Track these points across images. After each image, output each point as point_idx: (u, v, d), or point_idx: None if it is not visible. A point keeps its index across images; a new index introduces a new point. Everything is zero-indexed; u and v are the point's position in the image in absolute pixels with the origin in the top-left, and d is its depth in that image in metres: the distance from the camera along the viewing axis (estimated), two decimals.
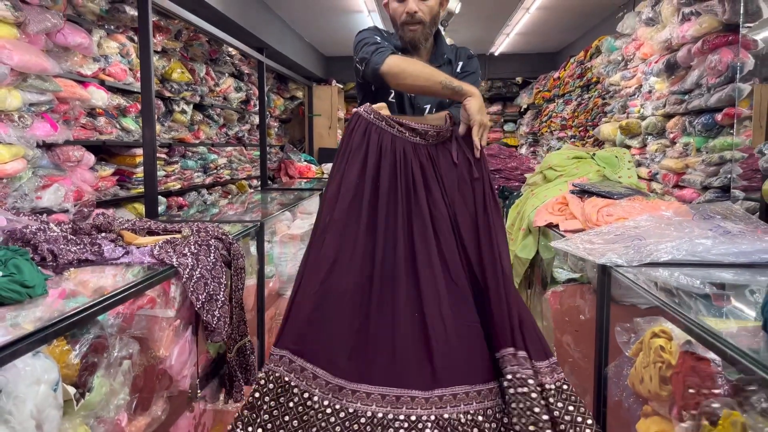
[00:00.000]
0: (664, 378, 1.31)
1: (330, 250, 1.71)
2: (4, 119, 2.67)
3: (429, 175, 1.81)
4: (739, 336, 1.07)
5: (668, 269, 1.64)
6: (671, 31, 3.74)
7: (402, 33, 1.97)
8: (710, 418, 1.09)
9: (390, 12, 1.99)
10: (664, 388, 1.32)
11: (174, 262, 1.68)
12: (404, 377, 1.58)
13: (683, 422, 1.21)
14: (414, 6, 1.91)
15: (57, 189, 3.05)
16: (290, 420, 1.57)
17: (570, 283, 2.53)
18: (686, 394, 1.19)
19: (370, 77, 1.88)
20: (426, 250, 1.70)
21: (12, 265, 1.30)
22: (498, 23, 7.10)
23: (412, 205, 1.76)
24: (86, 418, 1.24)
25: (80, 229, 1.92)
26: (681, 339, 1.27)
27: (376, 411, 1.56)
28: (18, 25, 2.72)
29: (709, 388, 1.12)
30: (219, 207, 4.02)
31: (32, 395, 1.04)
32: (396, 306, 1.64)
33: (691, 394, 1.17)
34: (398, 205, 1.75)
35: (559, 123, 7.35)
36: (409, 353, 1.60)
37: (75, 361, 1.21)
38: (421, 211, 1.75)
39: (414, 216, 1.75)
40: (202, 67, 5.05)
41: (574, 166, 2.94)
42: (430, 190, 1.79)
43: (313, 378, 1.61)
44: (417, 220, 1.74)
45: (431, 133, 1.85)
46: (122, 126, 3.77)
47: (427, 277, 1.66)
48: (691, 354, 1.19)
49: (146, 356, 1.52)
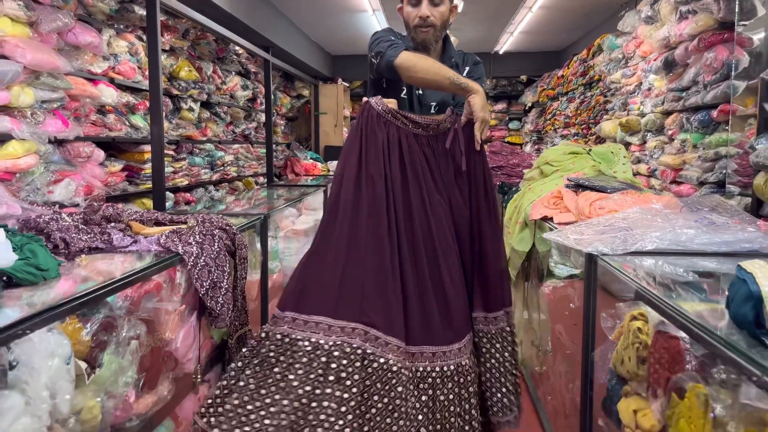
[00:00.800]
0: (641, 358, 1.38)
1: (353, 226, 1.89)
2: (18, 116, 2.76)
3: (431, 162, 2.03)
4: (705, 316, 1.14)
5: (653, 258, 1.71)
6: (669, 29, 3.80)
7: (414, 35, 2.12)
8: (679, 392, 1.16)
9: (404, 16, 2.14)
10: (641, 368, 1.39)
11: (179, 249, 1.76)
12: (435, 337, 1.88)
13: (657, 398, 1.29)
14: (427, 11, 2.06)
15: (68, 183, 3.15)
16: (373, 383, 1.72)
17: (571, 279, 2.59)
18: (659, 371, 1.26)
19: (384, 69, 2.03)
20: (439, 229, 1.95)
21: (27, 249, 1.39)
22: (502, 22, 7.16)
23: (421, 187, 1.97)
24: (96, 392, 1.33)
25: (91, 220, 2.01)
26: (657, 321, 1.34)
27: (418, 366, 1.85)
28: (30, 24, 2.81)
29: (678, 364, 1.19)
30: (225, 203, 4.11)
31: (46, 368, 1.13)
32: (421, 276, 1.89)
33: (662, 371, 1.24)
34: (409, 187, 1.96)
35: (562, 121, 7.41)
36: (436, 316, 1.88)
37: (86, 338, 1.29)
38: (427, 194, 1.97)
39: (422, 200, 1.96)
40: (209, 65, 5.15)
41: (570, 162, 3.01)
42: (432, 175, 2.01)
43: (376, 339, 1.78)
44: (424, 203, 1.96)
45: (432, 125, 2.04)
46: (131, 123, 3.87)
47: (443, 252, 1.93)
48: (664, 333, 1.27)
49: (153, 338, 1.61)
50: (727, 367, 1.01)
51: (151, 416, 1.61)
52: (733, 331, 1.05)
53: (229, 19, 4.93)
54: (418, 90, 2.18)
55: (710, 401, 1.03)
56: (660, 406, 1.28)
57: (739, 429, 0.96)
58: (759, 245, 1.76)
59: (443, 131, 2.06)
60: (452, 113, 2.08)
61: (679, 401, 1.15)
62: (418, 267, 1.91)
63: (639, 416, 1.41)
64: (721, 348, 0.97)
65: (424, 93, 2.19)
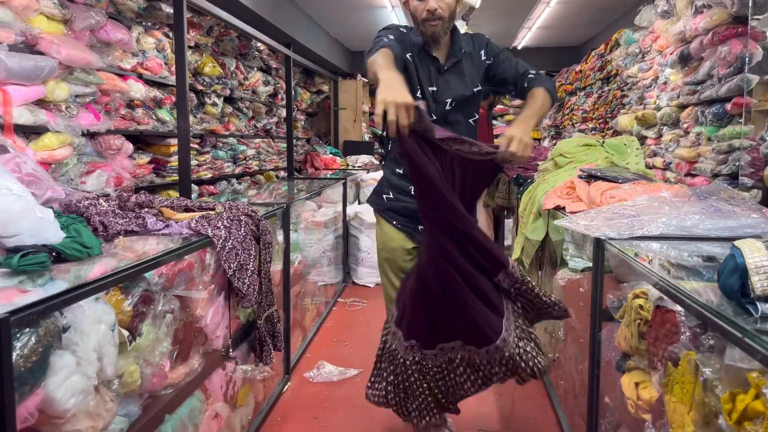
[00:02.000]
0: (642, 333, 1.47)
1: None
2: (53, 109, 2.91)
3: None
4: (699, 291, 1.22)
5: (658, 242, 1.79)
6: (685, 24, 3.84)
7: (423, 29, 2.10)
8: (674, 362, 1.25)
9: (410, 9, 2.12)
10: (642, 343, 1.47)
11: (209, 233, 1.88)
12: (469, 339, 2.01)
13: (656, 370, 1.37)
14: (434, 3, 2.05)
15: (99, 175, 3.29)
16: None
17: (586, 272, 2.65)
18: (657, 343, 1.35)
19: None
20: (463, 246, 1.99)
21: (73, 229, 1.52)
22: (520, 17, 7.20)
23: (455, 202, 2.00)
24: (137, 359, 1.45)
25: (125, 206, 2.14)
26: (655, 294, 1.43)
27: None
28: (65, 21, 2.96)
29: (674, 336, 1.28)
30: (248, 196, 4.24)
31: (95, 332, 1.25)
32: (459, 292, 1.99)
33: (660, 343, 1.33)
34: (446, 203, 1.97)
35: (580, 115, 7.44)
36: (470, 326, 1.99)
37: (128, 308, 1.41)
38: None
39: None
40: (232, 61, 5.28)
41: (583, 153, 3.07)
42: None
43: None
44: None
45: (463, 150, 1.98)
46: (158, 117, 4.01)
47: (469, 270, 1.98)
48: (662, 308, 1.35)
49: (185, 313, 1.73)
50: (715, 333, 1.09)
51: (184, 386, 1.73)
52: (722, 302, 1.13)
53: (252, 16, 5.05)
54: (432, 87, 2.17)
55: (700, 366, 1.12)
56: (659, 377, 1.37)
57: (725, 390, 1.05)
58: (761, 230, 1.82)
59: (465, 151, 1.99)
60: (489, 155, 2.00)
61: (673, 369, 1.24)
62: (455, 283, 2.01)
63: (640, 389, 1.50)
64: (708, 315, 1.06)
65: (439, 89, 2.17)
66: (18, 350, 1.03)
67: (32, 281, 1.26)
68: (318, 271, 4.15)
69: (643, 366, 1.52)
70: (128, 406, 1.43)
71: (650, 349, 1.41)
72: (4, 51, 2.54)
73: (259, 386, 2.49)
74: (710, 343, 1.11)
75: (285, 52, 5.58)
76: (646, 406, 1.44)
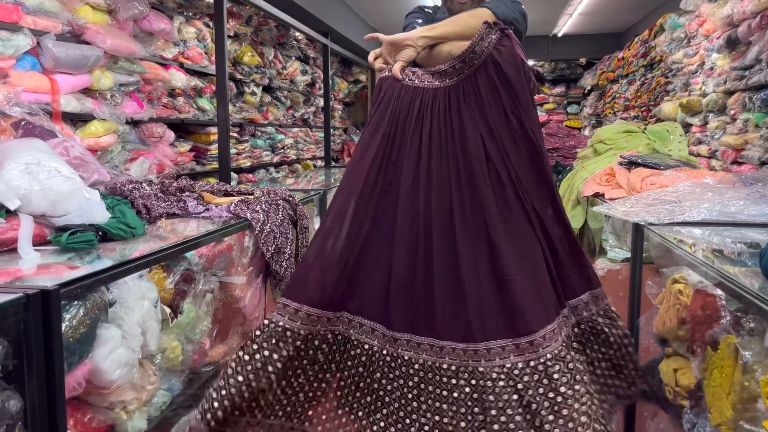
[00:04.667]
0: (681, 318, 1.45)
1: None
2: (99, 97, 2.99)
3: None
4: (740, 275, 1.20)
5: (700, 228, 1.75)
6: (732, 7, 3.72)
7: (450, 5, 1.98)
8: (714, 346, 1.23)
9: None
10: (681, 328, 1.45)
11: (248, 216, 1.92)
12: (443, 331, 1.52)
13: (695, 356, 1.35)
14: None
15: (142, 162, 3.38)
16: (352, 366, 1.54)
17: (626, 262, 2.60)
18: (697, 328, 1.33)
19: None
20: (461, 206, 1.57)
21: (118, 210, 1.57)
22: (561, 3, 7.08)
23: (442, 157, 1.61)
24: (178, 335, 1.50)
25: (167, 190, 2.20)
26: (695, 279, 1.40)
27: (426, 359, 1.53)
28: (109, 12, 3.04)
29: (714, 321, 1.26)
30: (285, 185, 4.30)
31: (139, 307, 1.29)
32: (432, 263, 1.55)
33: (700, 327, 1.31)
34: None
35: (622, 104, 7.28)
36: (448, 309, 1.53)
37: (170, 286, 1.46)
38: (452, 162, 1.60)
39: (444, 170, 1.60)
40: (270, 50, 5.34)
41: (624, 140, 3.02)
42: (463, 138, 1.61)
43: (372, 332, 1.56)
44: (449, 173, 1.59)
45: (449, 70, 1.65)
46: (198, 106, 4.09)
47: (462, 234, 1.54)
48: (701, 291, 1.33)
49: (225, 294, 1.77)
50: (756, 316, 1.07)
51: (223, 364, 1.78)
52: (765, 285, 1.11)
53: (290, 5, 5.09)
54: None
55: (740, 350, 1.10)
56: (698, 363, 1.35)
57: (765, 373, 1.03)
58: None
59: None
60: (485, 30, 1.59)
61: (713, 354, 1.22)
62: (430, 252, 1.55)
63: (679, 375, 1.48)
64: (749, 297, 1.04)
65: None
66: (67, 321, 1.07)
67: (80, 258, 1.31)
68: None
69: (681, 352, 1.50)
70: (170, 380, 1.48)
71: (689, 334, 1.39)
72: (51, 40, 2.62)
73: None
74: (751, 327, 1.09)
75: (323, 41, 5.61)
76: (685, 392, 1.42)
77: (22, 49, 2.49)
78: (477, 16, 1.72)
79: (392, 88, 1.71)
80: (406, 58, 1.71)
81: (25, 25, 2.52)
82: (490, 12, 1.74)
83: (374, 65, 1.78)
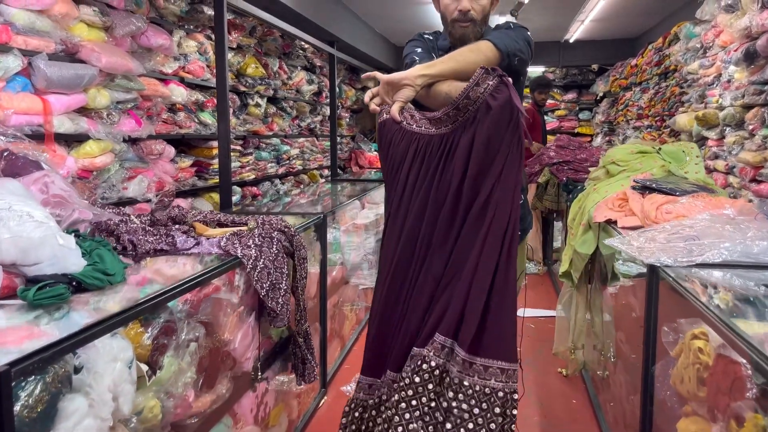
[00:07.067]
0: (701, 379, 1.33)
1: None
2: (94, 117, 2.91)
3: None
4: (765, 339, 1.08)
5: (720, 270, 1.63)
6: (751, 19, 3.57)
7: (452, 29, 1.92)
8: (738, 420, 1.11)
9: (441, 8, 1.93)
10: (702, 389, 1.33)
11: (239, 253, 1.82)
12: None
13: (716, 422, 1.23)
14: (467, 4, 1.86)
15: (141, 180, 3.30)
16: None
17: (640, 278, 2.48)
18: (719, 396, 1.21)
19: None
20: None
21: (96, 254, 1.47)
22: (572, 10, 6.93)
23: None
24: (157, 392, 1.40)
25: (157, 221, 2.10)
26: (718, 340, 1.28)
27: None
28: (106, 29, 2.95)
29: (739, 392, 1.14)
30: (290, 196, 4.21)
31: (110, 371, 1.19)
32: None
33: (722, 396, 1.19)
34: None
35: (635, 112, 7.13)
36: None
37: (147, 342, 1.36)
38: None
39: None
40: (275, 61, 5.24)
41: (637, 161, 2.89)
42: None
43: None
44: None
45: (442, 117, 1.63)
46: (200, 120, 4.00)
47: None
48: (725, 357, 1.21)
49: (212, 339, 1.67)
50: None
51: (210, 414, 1.68)
52: None
53: (295, 15, 5.00)
54: None
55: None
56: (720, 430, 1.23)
57: None
58: None
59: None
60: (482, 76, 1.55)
61: (738, 429, 1.10)
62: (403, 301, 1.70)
63: None
64: None
65: None
66: (22, 401, 0.97)
67: (49, 315, 1.22)
68: (358, 275, 4.08)
69: (702, 413, 1.38)
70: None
71: (711, 400, 1.27)
72: (43, 60, 2.54)
73: (293, 404, 2.43)
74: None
75: (329, 51, 5.52)
76: None
77: (11, 70, 2.41)
78: (477, 51, 1.64)
79: (391, 133, 1.68)
80: (404, 99, 1.64)
81: (16, 45, 2.44)
82: (491, 45, 1.65)
83: (370, 105, 1.71)
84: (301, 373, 2.25)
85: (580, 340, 3.01)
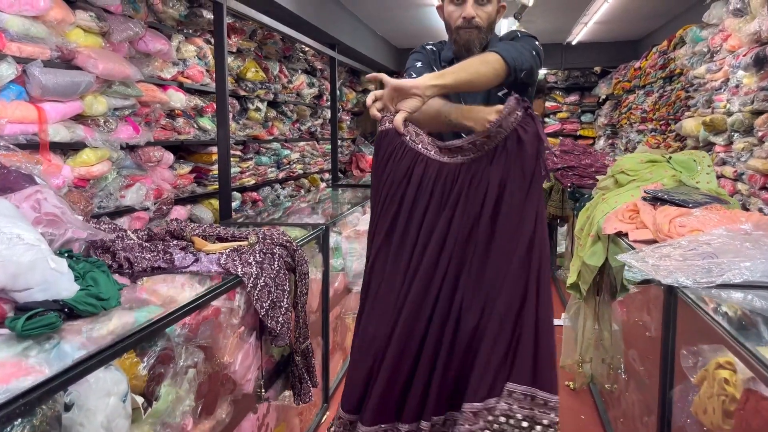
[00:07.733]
0: (727, 412, 1.26)
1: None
2: (91, 124, 2.84)
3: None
4: None
5: (742, 291, 1.57)
6: (760, 23, 3.51)
7: (456, 36, 1.85)
8: None
9: (445, 16, 1.87)
10: (727, 422, 1.26)
11: (239, 271, 1.75)
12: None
13: None
14: (472, 11, 1.79)
15: (139, 188, 3.23)
16: None
17: (648, 284, 2.41)
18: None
19: None
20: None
21: (90, 277, 1.40)
22: (576, 12, 6.87)
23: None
24: (153, 425, 1.33)
25: (155, 235, 2.03)
26: (746, 373, 1.21)
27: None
28: (103, 34, 2.88)
29: None
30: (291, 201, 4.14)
31: (103, 407, 1.12)
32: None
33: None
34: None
35: (639, 115, 7.06)
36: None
37: (143, 372, 1.29)
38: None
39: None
40: (275, 65, 5.17)
41: (647, 171, 2.82)
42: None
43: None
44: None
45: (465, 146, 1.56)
46: (199, 125, 3.93)
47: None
48: (755, 393, 1.14)
49: (211, 363, 1.60)
50: None
51: None
52: None
53: (295, 18, 4.93)
54: (461, 102, 1.82)
55: None
56: None
57: None
58: None
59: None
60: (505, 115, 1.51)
61: None
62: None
63: None
64: None
65: (467, 103, 1.82)
66: None
67: (39, 346, 1.15)
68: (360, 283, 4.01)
69: None
70: None
71: None
72: (38, 68, 2.47)
73: (294, 422, 2.36)
74: None
75: (330, 54, 5.45)
76: None
77: (5, 79, 2.35)
78: (486, 63, 1.58)
79: (392, 146, 1.58)
80: (410, 109, 1.55)
81: (10, 52, 2.37)
82: (499, 57, 1.59)
83: (371, 109, 1.61)
84: (297, 393, 2.19)
85: (588, 353, 2.95)
